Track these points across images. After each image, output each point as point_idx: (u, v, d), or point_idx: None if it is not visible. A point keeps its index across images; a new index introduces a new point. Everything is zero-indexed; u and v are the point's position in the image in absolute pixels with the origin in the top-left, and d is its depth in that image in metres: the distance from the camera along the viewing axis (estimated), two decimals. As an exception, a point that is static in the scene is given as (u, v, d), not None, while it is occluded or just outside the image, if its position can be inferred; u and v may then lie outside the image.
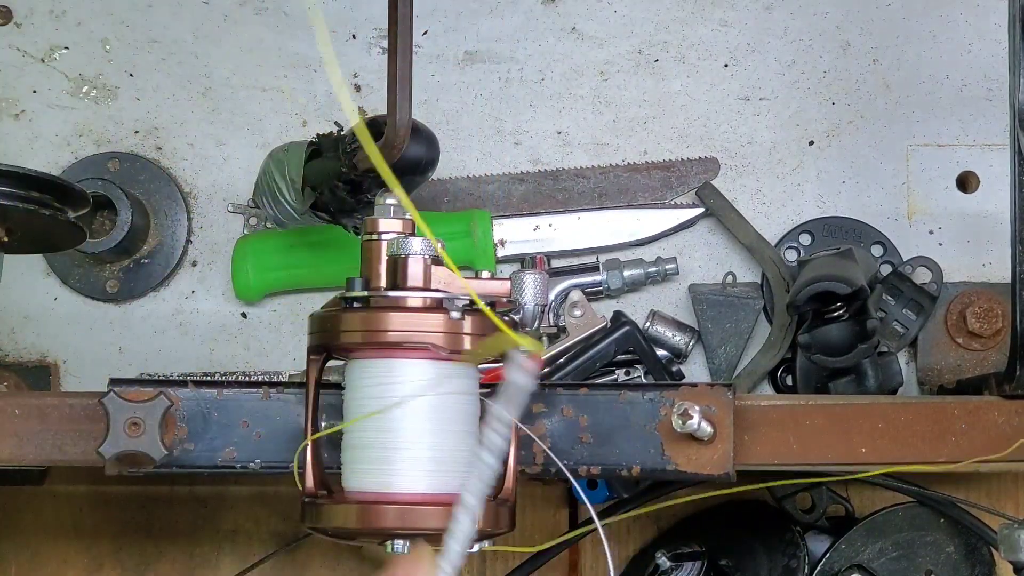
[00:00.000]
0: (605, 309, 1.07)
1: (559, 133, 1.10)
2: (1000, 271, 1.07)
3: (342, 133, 0.96)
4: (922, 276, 1.06)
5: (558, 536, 1.05)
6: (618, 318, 1.05)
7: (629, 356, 1.03)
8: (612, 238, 1.08)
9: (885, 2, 1.10)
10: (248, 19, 1.10)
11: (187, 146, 1.09)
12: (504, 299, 0.78)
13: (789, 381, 1.06)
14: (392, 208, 0.78)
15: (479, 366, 0.79)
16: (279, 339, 1.08)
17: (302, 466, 0.78)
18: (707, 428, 0.81)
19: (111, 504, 1.11)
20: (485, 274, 0.78)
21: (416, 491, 0.74)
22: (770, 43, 1.10)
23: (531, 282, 1.03)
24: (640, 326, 1.05)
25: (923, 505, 1.03)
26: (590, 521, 1.03)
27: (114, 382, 0.82)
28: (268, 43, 1.10)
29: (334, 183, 0.94)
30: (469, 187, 1.09)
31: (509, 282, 0.78)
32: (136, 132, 1.09)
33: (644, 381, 1.03)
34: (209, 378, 1.06)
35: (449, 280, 0.76)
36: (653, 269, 1.07)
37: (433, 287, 0.76)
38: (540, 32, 1.10)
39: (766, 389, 1.07)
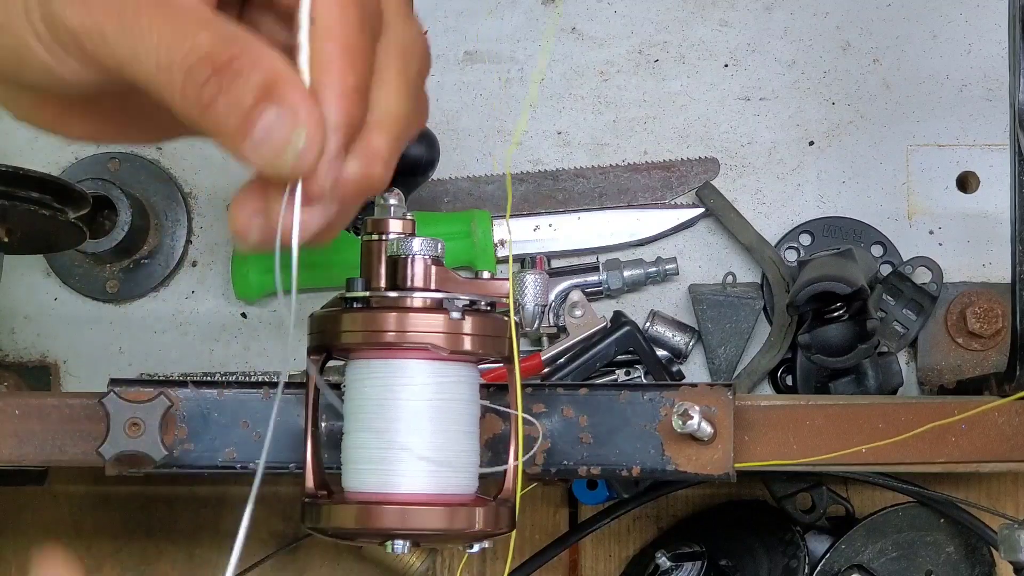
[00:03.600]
0: (605, 309, 1.07)
1: (559, 133, 1.10)
2: (1000, 271, 1.07)
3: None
4: (922, 276, 1.06)
5: (558, 536, 1.06)
6: (618, 318, 1.05)
7: (629, 356, 1.03)
8: (612, 238, 1.08)
9: (885, 2, 1.10)
10: (248, 19, 1.10)
11: (187, 146, 1.09)
12: (504, 299, 0.78)
13: (789, 381, 1.06)
14: (392, 208, 0.78)
15: (480, 366, 0.79)
16: (279, 339, 1.08)
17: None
18: (707, 428, 0.82)
19: (111, 504, 1.11)
20: (485, 274, 0.78)
21: (416, 491, 0.74)
22: (770, 43, 1.10)
23: (531, 282, 1.04)
24: (640, 326, 1.05)
25: (923, 505, 1.03)
26: (590, 522, 1.04)
27: (114, 382, 0.82)
28: (268, 43, 1.10)
29: (334, 183, 0.94)
30: (469, 187, 1.09)
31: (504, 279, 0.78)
32: (136, 132, 1.09)
33: (644, 381, 1.03)
34: (209, 378, 1.06)
35: (449, 280, 0.76)
36: (653, 269, 1.07)
37: (433, 287, 0.76)
38: (540, 32, 1.10)
39: (766, 389, 1.07)
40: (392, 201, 0.78)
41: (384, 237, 0.77)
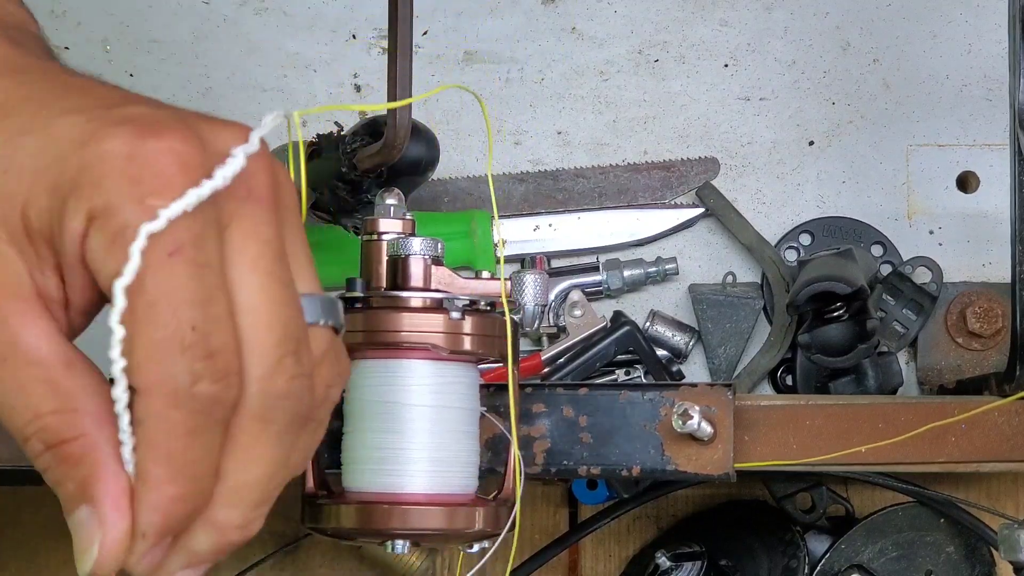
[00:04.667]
0: (605, 309, 1.07)
1: (559, 133, 1.10)
2: (1000, 271, 1.07)
3: (342, 133, 0.96)
4: (922, 276, 1.06)
5: (558, 536, 1.06)
6: (618, 318, 1.05)
7: (629, 356, 1.03)
8: (612, 238, 1.08)
9: (885, 2, 1.10)
10: (248, 19, 1.10)
11: (187, 146, 1.09)
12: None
13: (789, 381, 1.06)
14: (392, 208, 0.78)
15: (479, 366, 0.79)
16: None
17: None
18: (707, 428, 0.82)
19: (111, 504, 1.11)
20: (485, 274, 0.78)
21: (416, 491, 0.74)
22: (770, 43, 1.10)
23: (531, 282, 1.04)
24: (640, 326, 1.05)
25: (923, 505, 1.03)
26: (590, 522, 1.04)
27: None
28: (268, 43, 1.10)
29: (334, 183, 0.94)
30: (469, 187, 1.09)
31: (509, 282, 0.78)
32: (136, 132, 1.09)
33: (644, 381, 1.03)
34: (209, 378, 1.05)
35: (449, 280, 0.76)
36: (653, 269, 1.07)
37: (433, 287, 0.76)
38: (540, 32, 1.10)
39: (766, 389, 1.07)
40: (392, 201, 0.78)
41: (383, 237, 0.77)
